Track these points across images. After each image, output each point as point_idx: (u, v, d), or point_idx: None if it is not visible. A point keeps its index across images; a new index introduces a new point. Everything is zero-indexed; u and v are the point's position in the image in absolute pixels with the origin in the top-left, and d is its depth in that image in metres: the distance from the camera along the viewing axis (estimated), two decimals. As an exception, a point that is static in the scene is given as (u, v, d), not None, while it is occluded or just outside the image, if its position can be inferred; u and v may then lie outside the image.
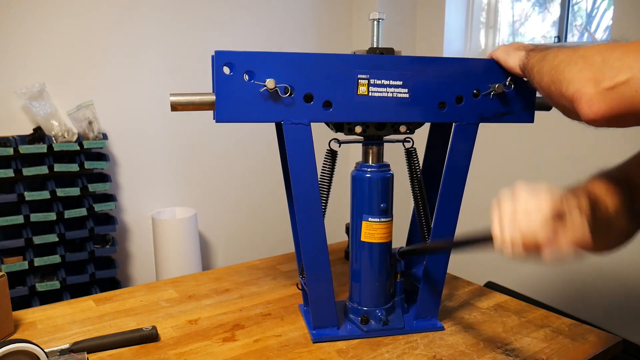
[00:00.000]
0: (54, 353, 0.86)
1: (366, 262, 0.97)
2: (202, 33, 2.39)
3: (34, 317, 1.03)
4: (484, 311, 1.07)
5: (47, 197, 1.94)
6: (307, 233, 0.90)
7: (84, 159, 2.02)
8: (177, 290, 1.17)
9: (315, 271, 0.92)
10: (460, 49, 2.73)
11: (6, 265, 1.88)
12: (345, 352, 0.91)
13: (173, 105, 0.81)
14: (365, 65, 0.86)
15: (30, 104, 1.97)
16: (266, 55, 0.82)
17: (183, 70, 2.35)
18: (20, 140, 1.95)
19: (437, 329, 0.99)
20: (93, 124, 2.07)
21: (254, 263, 1.35)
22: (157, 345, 0.92)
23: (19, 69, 2.01)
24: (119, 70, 2.21)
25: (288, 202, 1.01)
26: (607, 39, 2.11)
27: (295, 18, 2.67)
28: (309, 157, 0.87)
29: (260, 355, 0.89)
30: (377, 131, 0.93)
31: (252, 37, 2.54)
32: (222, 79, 0.81)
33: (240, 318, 1.03)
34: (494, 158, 2.38)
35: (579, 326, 1.00)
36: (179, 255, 2.27)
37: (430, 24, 2.74)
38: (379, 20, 0.91)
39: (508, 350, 0.91)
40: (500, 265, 2.47)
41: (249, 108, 0.83)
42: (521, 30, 2.67)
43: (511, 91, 0.92)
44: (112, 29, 2.17)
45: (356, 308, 0.99)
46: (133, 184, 2.33)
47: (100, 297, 1.13)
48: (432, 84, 0.89)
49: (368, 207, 0.94)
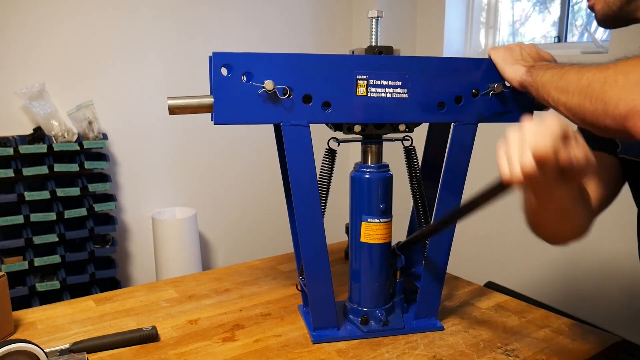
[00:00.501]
0: (54, 353, 0.86)
1: (366, 262, 0.97)
2: (201, 33, 2.39)
3: (34, 317, 1.03)
4: (484, 311, 1.07)
5: (47, 197, 1.94)
6: (307, 235, 0.89)
7: (84, 159, 2.02)
8: (177, 290, 1.17)
9: (315, 273, 0.92)
10: (460, 49, 2.73)
11: (6, 265, 1.88)
12: (345, 352, 0.91)
13: (171, 108, 0.81)
14: (364, 65, 0.86)
15: (30, 104, 1.97)
16: (264, 57, 0.82)
17: (183, 71, 2.35)
18: (20, 140, 1.95)
19: (437, 329, 0.99)
20: (93, 124, 2.07)
21: (254, 263, 1.35)
22: (157, 345, 0.92)
23: (19, 69, 2.01)
24: (119, 70, 2.21)
25: (287, 203, 1.01)
26: (607, 38, 2.11)
27: (293, 16, 2.67)
28: (308, 158, 0.86)
29: (260, 355, 0.89)
30: (376, 130, 0.93)
31: (251, 38, 2.54)
32: (220, 81, 0.80)
33: (240, 318, 1.03)
34: (494, 158, 2.38)
35: (579, 326, 1.00)
36: (179, 255, 2.27)
37: (430, 24, 2.74)
38: (378, 18, 0.91)
39: (508, 351, 0.91)
40: (500, 265, 2.48)
41: (248, 110, 0.82)
42: (521, 30, 2.67)
43: (510, 91, 0.92)
44: (112, 29, 2.17)
45: (356, 309, 0.99)
46: (133, 184, 2.33)
47: (100, 297, 1.13)
48: (431, 84, 0.89)
49: (367, 208, 0.94)
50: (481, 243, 2.55)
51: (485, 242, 2.53)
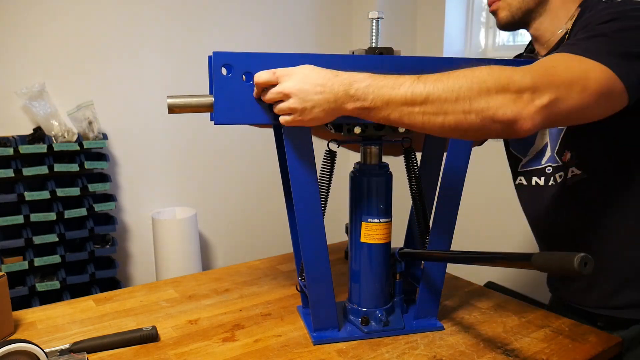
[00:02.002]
0: (54, 353, 0.86)
1: (366, 263, 0.97)
2: (201, 33, 2.39)
3: (34, 317, 1.03)
4: (484, 311, 1.07)
5: (47, 197, 1.94)
6: (307, 236, 0.89)
7: (84, 159, 2.02)
8: (177, 290, 1.17)
9: (315, 275, 0.91)
10: (460, 49, 2.73)
11: (6, 265, 1.88)
12: (345, 352, 0.91)
13: (170, 107, 0.80)
14: (365, 65, 0.85)
15: (30, 104, 1.97)
16: (265, 56, 0.82)
17: (183, 70, 2.35)
18: (20, 140, 1.95)
19: (437, 329, 0.99)
20: (93, 124, 2.07)
21: (254, 263, 1.35)
22: (157, 345, 0.92)
23: (19, 69, 2.01)
24: (119, 70, 2.21)
25: (286, 203, 1.00)
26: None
27: (294, 18, 2.67)
28: (308, 159, 0.86)
29: (260, 355, 0.89)
30: (376, 131, 0.93)
31: (251, 38, 2.54)
32: (220, 81, 0.80)
33: (240, 318, 1.03)
34: (493, 158, 2.38)
35: (579, 326, 1.00)
36: (179, 255, 2.27)
37: (430, 24, 2.74)
38: (378, 20, 0.91)
39: (508, 351, 0.91)
40: (500, 265, 2.47)
41: (248, 110, 0.82)
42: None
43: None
44: (112, 28, 2.17)
45: (356, 309, 0.98)
46: (133, 184, 2.33)
47: (100, 297, 1.13)
48: (432, 84, 0.89)
49: (367, 208, 0.94)
50: (481, 243, 2.55)
51: (485, 242, 2.53)
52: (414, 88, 0.73)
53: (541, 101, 0.70)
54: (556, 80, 0.71)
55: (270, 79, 0.78)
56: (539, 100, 0.70)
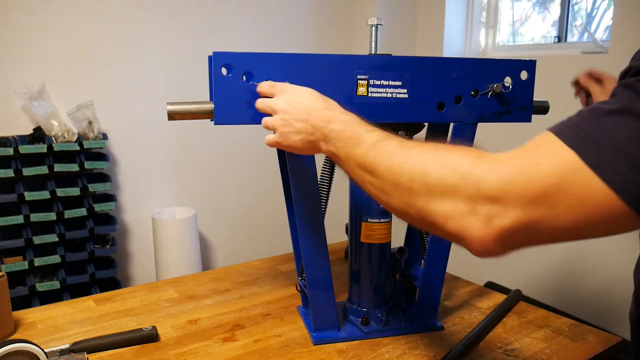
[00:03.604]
0: (54, 353, 0.86)
1: (366, 263, 0.97)
2: (201, 33, 2.39)
3: (34, 317, 1.03)
4: (484, 311, 1.07)
5: (47, 197, 1.94)
6: (308, 238, 0.89)
7: (84, 159, 2.02)
8: (177, 290, 1.17)
9: (315, 275, 0.91)
10: (460, 49, 2.73)
11: (6, 265, 1.88)
12: (345, 352, 0.91)
13: (170, 114, 0.80)
14: (365, 65, 0.86)
15: (30, 104, 1.97)
16: (264, 56, 0.82)
17: (183, 70, 2.35)
18: (20, 140, 1.95)
19: (437, 329, 0.99)
20: (93, 124, 2.07)
21: (254, 263, 1.35)
22: (157, 346, 0.92)
23: (19, 69, 2.01)
24: (119, 71, 2.21)
25: (286, 204, 1.01)
26: (607, 39, 2.11)
27: (294, 23, 2.67)
28: (309, 159, 0.86)
29: (261, 355, 0.89)
30: (376, 131, 0.93)
31: (251, 39, 2.54)
32: (220, 81, 0.80)
33: (240, 318, 1.03)
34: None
35: (579, 326, 1.00)
36: (179, 255, 2.27)
37: (430, 24, 2.74)
38: (377, 26, 0.91)
39: (508, 351, 0.91)
40: (500, 265, 2.47)
41: (248, 110, 0.82)
42: (521, 30, 2.67)
43: (509, 91, 0.92)
44: (112, 29, 2.17)
45: (356, 309, 0.98)
46: (133, 184, 2.33)
47: (100, 297, 1.13)
48: (431, 84, 0.89)
49: (367, 208, 0.94)
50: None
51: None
52: (367, 153, 0.61)
53: (503, 222, 0.47)
54: (531, 190, 0.46)
55: (268, 91, 0.78)
56: (500, 220, 0.47)
